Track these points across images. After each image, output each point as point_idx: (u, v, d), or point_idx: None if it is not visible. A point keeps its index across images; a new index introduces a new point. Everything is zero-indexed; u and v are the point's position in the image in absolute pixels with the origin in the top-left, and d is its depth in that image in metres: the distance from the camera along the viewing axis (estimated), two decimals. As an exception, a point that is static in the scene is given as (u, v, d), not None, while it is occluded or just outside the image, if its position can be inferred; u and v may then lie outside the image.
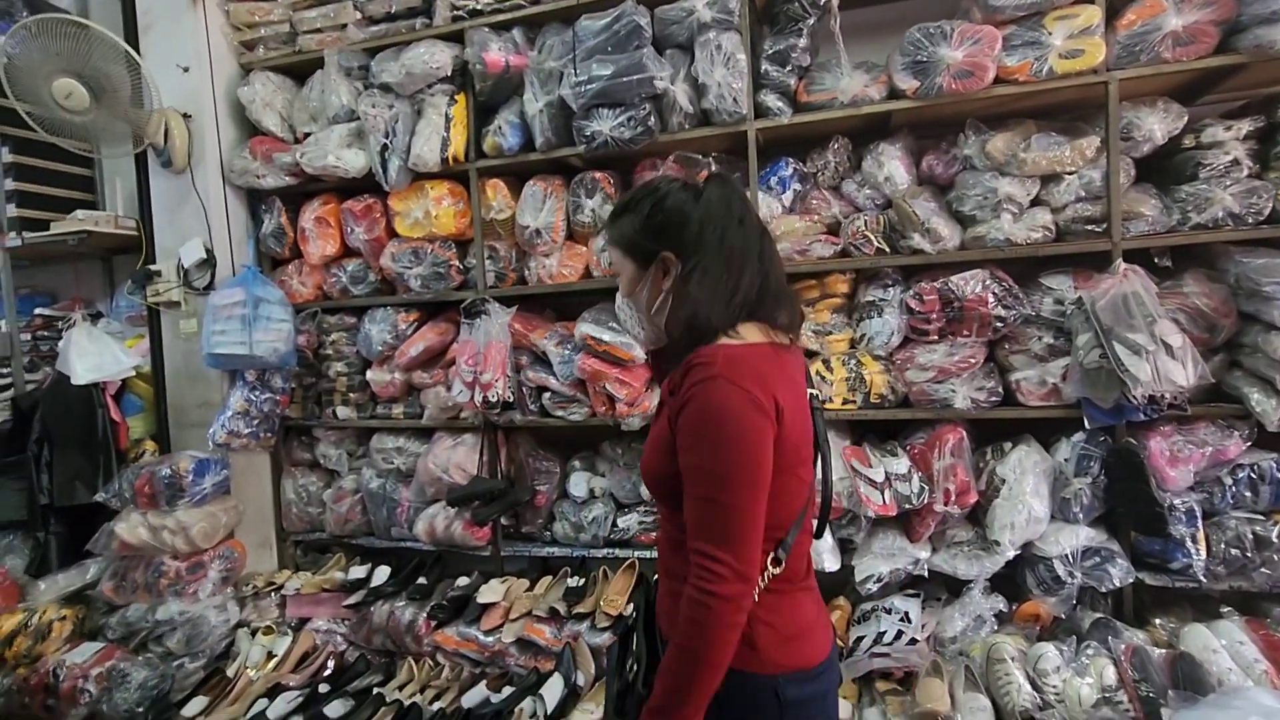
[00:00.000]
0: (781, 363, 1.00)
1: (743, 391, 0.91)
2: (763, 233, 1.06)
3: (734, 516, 0.91)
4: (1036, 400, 1.91)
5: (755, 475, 0.91)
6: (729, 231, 1.01)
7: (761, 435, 0.91)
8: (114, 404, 2.59)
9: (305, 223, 2.52)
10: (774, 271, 1.05)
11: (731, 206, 1.04)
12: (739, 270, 1.00)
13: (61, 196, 2.72)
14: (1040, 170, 1.89)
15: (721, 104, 2.06)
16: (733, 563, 0.90)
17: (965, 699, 1.60)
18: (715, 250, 1.01)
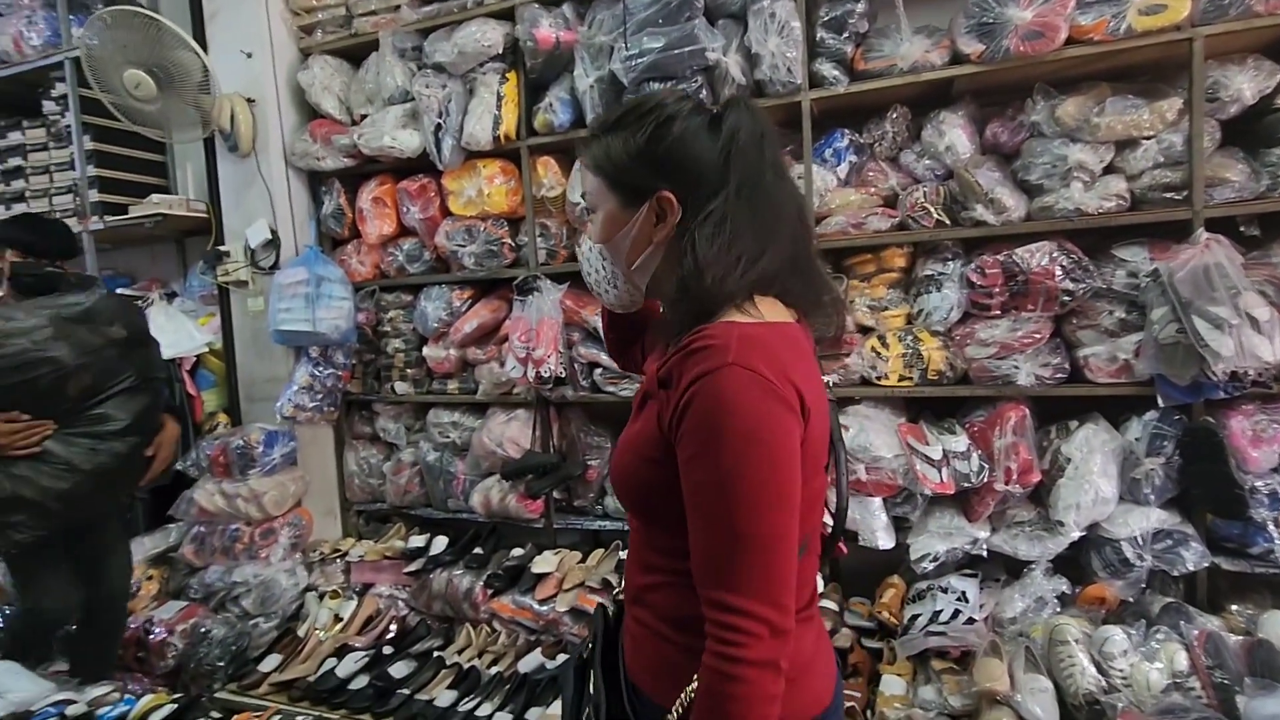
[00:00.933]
0: (800, 345, 0.79)
1: (763, 381, 0.69)
2: (796, 188, 0.86)
3: (763, 550, 0.67)
4: (1106, 377, 1.84)
5: (786, 492, 0.69)
6: (760, 176, 0.78)
7: (790, 438, 0.70)
8: (189, 379, 2.74)
9: (363, 203, 2.59)
10: (809, 239, 0.85)
11: (764, 144, 0.79)
12: (768, 228, 0.78)
13: (137, 182, 2.85)
14: (1115, 135, 1.80)
15: (775, 74, 2.02)
16: (768, 614, 0.67)
17: (1025, 679, 1.57)
18: (738, 198, 0.77)
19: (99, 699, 1.66)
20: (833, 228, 2.04)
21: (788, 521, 0.69)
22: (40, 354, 1.77)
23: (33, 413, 1.79)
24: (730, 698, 0.67)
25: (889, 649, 1.87)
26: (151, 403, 2.04)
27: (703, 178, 0.78)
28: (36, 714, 1.58)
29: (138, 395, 1.98)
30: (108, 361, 1.90)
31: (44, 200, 2.87)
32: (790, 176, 0.85)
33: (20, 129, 2.88)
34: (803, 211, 0.85)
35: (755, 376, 0.69)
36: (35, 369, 1.76)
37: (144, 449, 2.05)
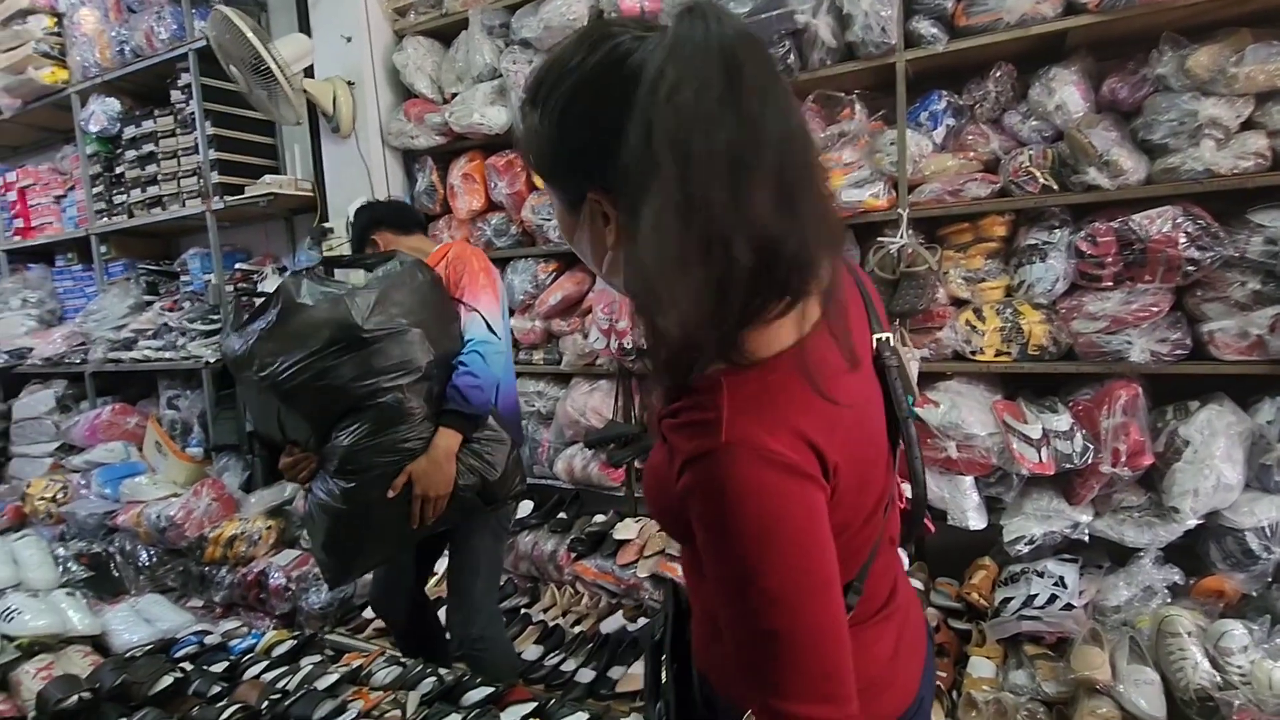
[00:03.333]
0: (815, 362, 0.60)
1: (768, 456, 0.56)
2: (785, 109, 0.55)
3: (805, 645, 0.57)
4: (1234, 354, 1.69)
5: (822, 575, 0.58)
6: (698, 146, 0.52)
7: (813, 515, 0.58)
8: (299, 347, 2.95)
9: (454, 179, 2.68)
10: (809, 198, 0.57)
11: (709, 87, 0.52)
12: (742, 216, 0.53)
13: (251, 164, 3.07)
14: (1255, 87, 1.62)
15: (868, 35, 1.94)
16: (826, 713, 0.58)
17: (1129, 670, 1.50)
18: (680, 186, 0.52)
19: (231, 632, 1.85)
20: (927, 195, 1.95)
21: (827, 605, 0.58)
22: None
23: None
24: None
25: (978, 631, 1.82)
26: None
27: (625, 162, 0.55)
28: (181, 640, 1.78)
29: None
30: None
31: (173, 182, 3.13)
32: (772, 98, 0.54)
33: (153, 117, 3.14)
34: (789, 145, 0.55)
35: (757, 454, 0.56)
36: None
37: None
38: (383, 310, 1.47)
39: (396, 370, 1.46)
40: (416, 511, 1.49)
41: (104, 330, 3.32)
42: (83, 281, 3.74)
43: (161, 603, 2.13)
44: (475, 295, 1.65)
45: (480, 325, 1.60)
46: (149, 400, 3.57)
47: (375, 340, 1.44)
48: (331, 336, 1.42)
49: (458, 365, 1.54)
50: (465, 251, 1.76)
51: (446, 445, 1.50)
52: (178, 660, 1.70)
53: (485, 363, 1.55)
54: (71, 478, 3.20)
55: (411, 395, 1.47)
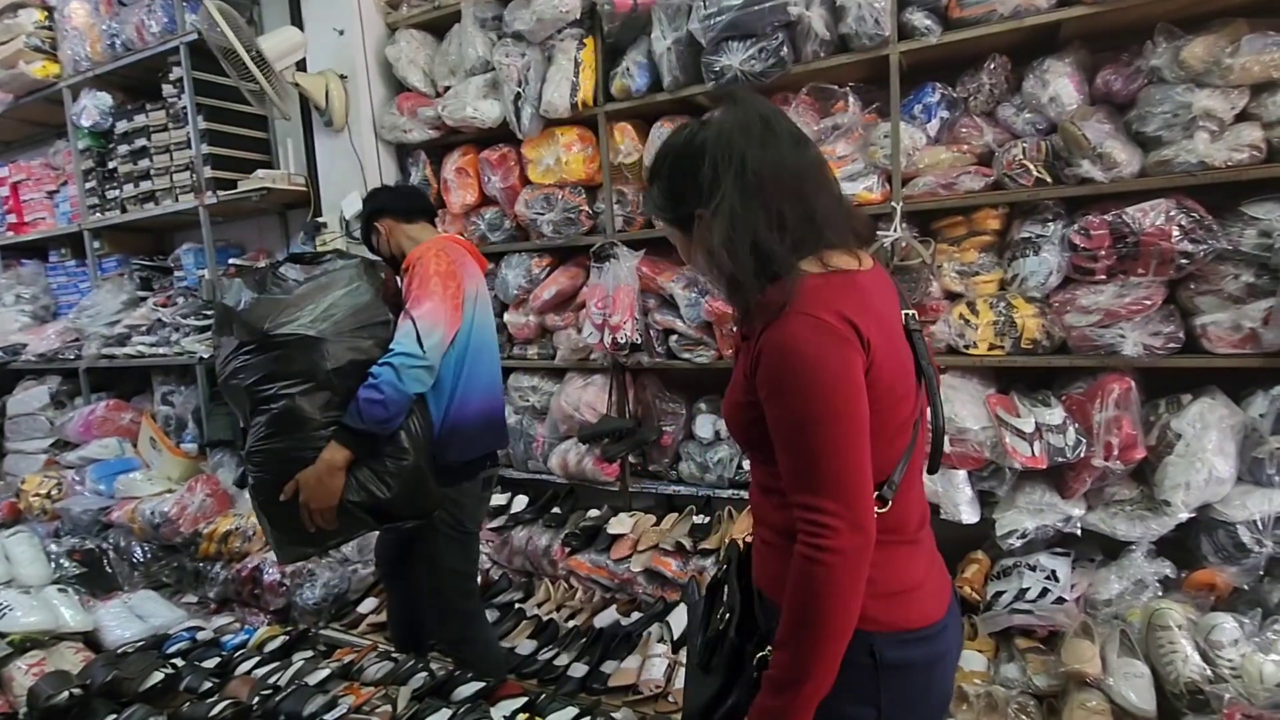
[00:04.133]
0: (860, 288, 0.88)
1: (818, 321, 0.81)
2: (801, 145, 0.90)
3: (836, 459, 0.80)
4: (1227, 347, 1.68)
5: (852, 410, 0.81)
6: (747, 159, 0.87)
7: (849, 366, 0.81)
8: (293, 343, 2.94)
9: (447, 174, 2.67)
10: (824, 193, 0.91)
11: (748, 128, 0.89)
12: (774, 202, 0.87)
13: (244, 158, 3.05)
14: (1251, 78, 1.61)
15: (862, 27, 1.92)
16: (843, 511, 0.79)
17: (1119, 664, 1.50)
18: (735, 188, 0.87)
19: (223, 628, 1.85)
20: (920, 188, 1.94)
21: (858, 435, 0.81)
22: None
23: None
24: (815, 579, 0.79)
25: (969, 624, 1.81)
26: None
27: (705, 183, 0.89)
28: (173, 636, 1.78)
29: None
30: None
31: (165, 177, 3.12)
32: (787, 134, 0.91)
33: (145, 111, 3.13)
34: (805, 157, 0.91)
35: (813, 320, 0.81)
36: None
37: None
38: (292, 316, 1.46)
39: (295, 378, 1.45)
40: (305, 517, 1.48)
41: (98, 326, 3.31)
42: (76, 277, 3.73)
43: (154, 599, 2.13)
44: (416, 302, 1.56)
45: (409, 336, 1.51)
46: (143, 396, 3.56)
47: (279, 346, 1.45)
48: (242, 339, 1.46)
49: (367, 376, 1.48)
50: (430, 251, 1.65)
51: (330, 459, 1.46)
52: (169, 656, 1.70)
53: (398, 378, 1.47)
54: (66, 474, 3.20)
55: (306, 404, 1.45)
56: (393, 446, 1.52)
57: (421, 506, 1.58)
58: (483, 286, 1.81)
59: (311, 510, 1.47)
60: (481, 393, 1.73)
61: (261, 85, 2.39)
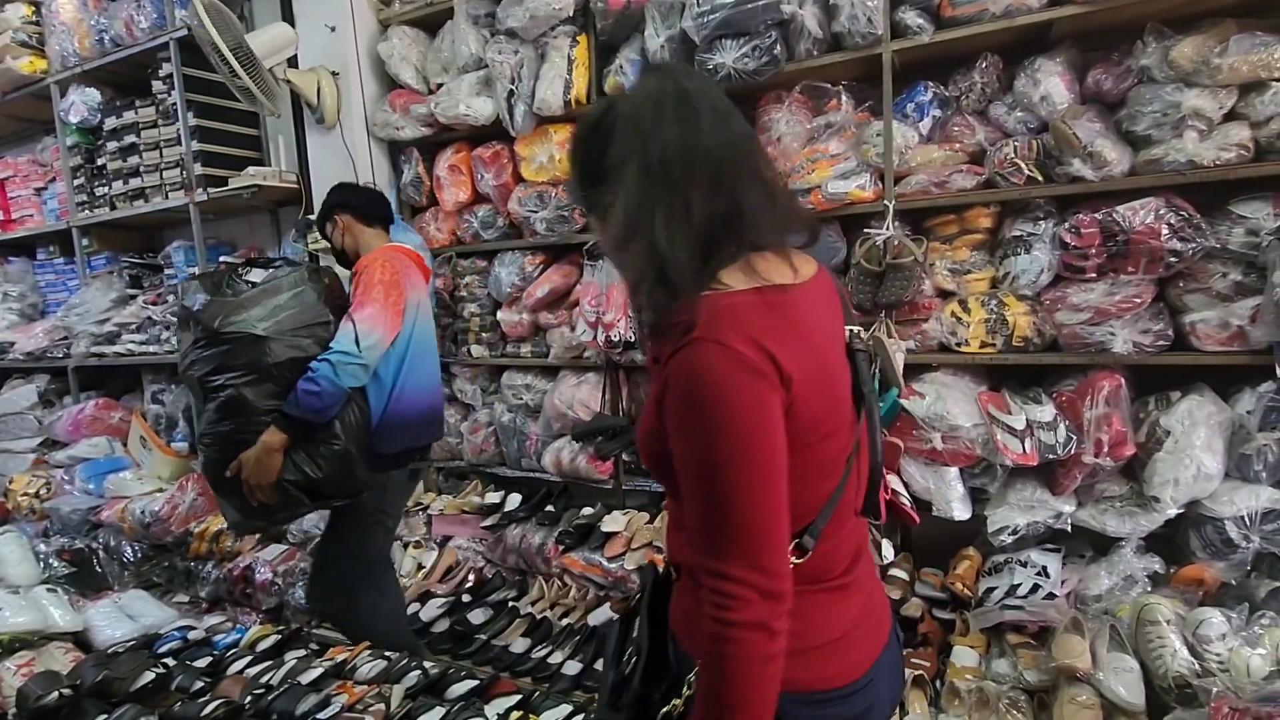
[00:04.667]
0: (787, 308, 0.75)
1: (727, 350, 0.69)
2: (725, 123, 0.76)
3: (745, 513, 0.69)
4: (1215, 345, 1.70)
5: (762, 456, 0.69)
6: (651, 140, 0.73)
7: (762, 405, 0.69)
8: (285, 341, 2.92)
9: (440, 171, 2.66)
10: (750, 184, 0.76)
11: (661, 102, 0.74)
12: (681, 194, 0.73)
13: (235, 155, 3.03)
14: (1239, 78, 1.63)
15: (854, 25, 1.93)
16: (753, 577, 0.68)
17: (1109, 658, 1.51)
18: (636, 174, 0.74)
19: (215, 627, 1.84)
20: (913, 187, 1.95)
21: (770, 484, 0.70)
22: None
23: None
24: (726, 658, 0.69)
25: (961, 620, 1.83)
26: None
27: (612, 169, 0.77)
28: (164, 636, 1.77)
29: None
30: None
31: (155, 174, 3.09)
32: (716, 109, 0.77)
33: (134, 108, 3.10)
34: (749, 154, 0.78)
35: (721, 348, 0.69)
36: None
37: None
38: (241, 315, 1.65)
39: (240, 370, 1.64)
40: (247, 492, 1.66)
41: (87, 324, 3.28)
42: (65, 275, 3.70)
43: (145, 599, 2.11)
44: (359, 306, 1.73)
45: (348, 337, 1.68)
46: (133, 395, 3.54)
47: (228, 342, 1.64)
48: (196, 336, 1.66)
49: (307, 370, 1.66)
50: (376, 260, 1.82)
51: (268, 441, 1.64)
52: (161, 656, 1.69)
53: (334, 373, 1.64)
54: (55, 473, 3.17)
55: (250, 393, 1.65)
56: (327, 433, 1.70)
57: (349, 488, 1.76)
58: (424, 295, 1.99)
59: (252, 486, 1.65)
60: (420, 390, 1.91)
61: (246, 83, 2.38)
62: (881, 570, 2.00)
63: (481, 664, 2.06)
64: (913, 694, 1.63)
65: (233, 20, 2.39)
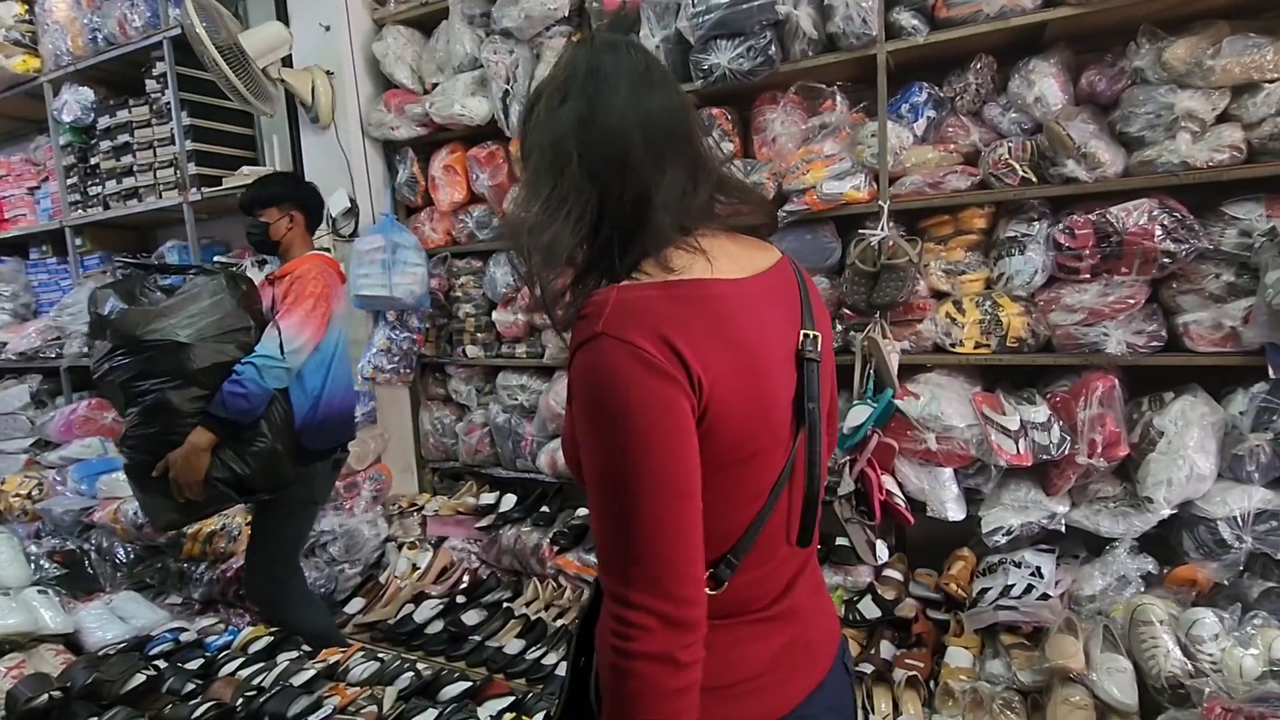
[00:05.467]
0: (711, 302, 0.67)
1: (628, 347, 0.61)
2: (642, 93, 0.68)
3: (647, 535, 0.61)
4: (1208, 346, 1.70)
5: (670, 470, 0.61)
6: (560, 112, 0.68)
7: (670, 415, 0.61)
8: (279, 341, 2.91)
9: (435, 171, 2.65)
10: (673, 163, 0.68)
11: (568, 79, 0.69)
12: (580, 179, 0.67)
13: (229, 155, 3.02)
14: (1232, 80, 1.63)
15: (849, 26, 1.93)
16: (657, 605, 0.60)
17: (1102, 659, 1.51)
18: (539, 150, 0.70)
19: (207, 629, 1.83)
20: (907, 188, 1.95)
21: (677, 505, 0.62)
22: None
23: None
24: (624, 692, 0.62)
25: (956, 621, 1.83)
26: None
27: (527, 158, 0.74)
28: (156, 638, 1.76)
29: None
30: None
31: (149, 173, 3.08)
32: (650, 90, 0.69)
33: (128, 107, 3.09)
34: (674, 129, 0.70)
35: (620, 343, 0.61)
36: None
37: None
38: (162, 324, 1.68)
39: (164, 376, 1.69)
40: (175, 491, 1.72)
41: (80, 324, 3.26)
42: (58, 275, 3.68)
43: (137, 600, 2.10)
44: (286, 314, 1.85)
45: (273, 342, 1.79)
46: (127, 395, 3.51)
47: (150, 349, 1.68)
48: (115, 344, 1.69)
49: (231, 373, 1.73)
50: (310, 273, 1.93)
51: (195, 441, 1.71)
52: (152, 658, 1.68)
53: (259, 376, 1.74)
54: (47, 474, 3.15)
55: (176, 397, 1.69)
56: (252, 432, 1.78)
57: (277, 482, 1.84)
58: (340, 307, 2.08)
59: (180, 484, 1.71)
60: (342, 393, 2.07)
61: (234, 84, 2.37)
62: (876, 571, 2.00)
63: (476, 665, 2.06)
64: (907, 694, 1.63)
65: (226, 19, 2.38)
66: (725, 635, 0.70)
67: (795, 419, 0.71)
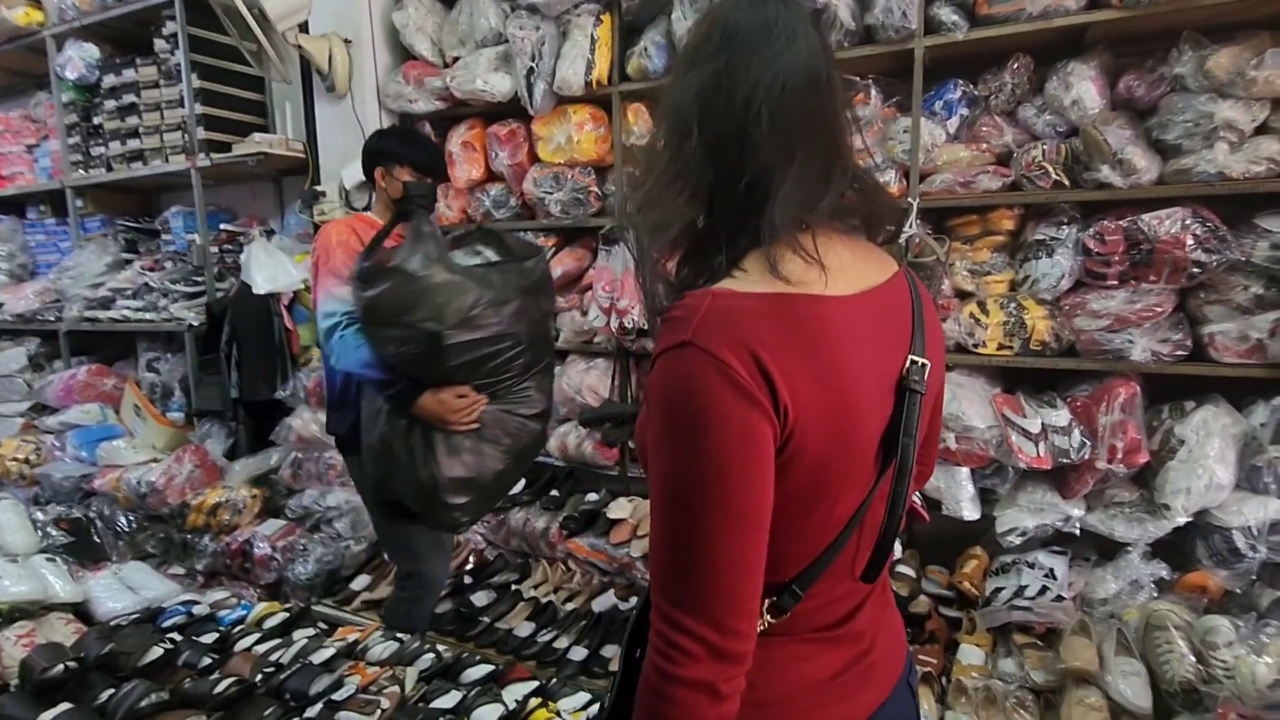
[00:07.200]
0: (812, 327, 0.61)
1: (715, 362, 0.57)
2: (791, 63, 0.61)
3: (707, 562, 0.58)
4: (1233, 357, 1.71)
5: (736, 497, 0.58)
6: (688, 81, 0.64)
7: (747, 439, 0.57)
8: (287, 313, 2.87)
9: (452, 147, 2.60)
10: (807, 148, 0.62)
11: (710, 34, 0.64)
12: (695, 148, 0.62)
13: (239, 120, 2.96)
14: (1273, 92, 1.63)
15: (888, 18, 1.90)
16: (706, 634, 0.58)
17: (1116, 661, 1.54)
18: (666, 121, 0.66)
19: (219, 602, 1.82)
20: (937, 186, 1.94)
21: (742, 536, 0.58)
22: (508, 329, 1.60)
23: (476, 386, 1.62)
24: (660, 713, 0.60)
25: (968, 619, 1.85)
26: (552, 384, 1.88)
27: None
28: (168, 610, 1.75)
29: (549, 376, 1.82)
30: (544, 337, 1.77)
31: (155, 136, 3.01)
32: (802, 62, 0.62)
33: (134, 66, 3.00)
34: (817, 110, 0.63)
35: (712, 360, 0.57)
36: (500, 343, 1.60)
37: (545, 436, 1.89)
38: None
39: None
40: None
41: (80, 288, 3.21)
42: (56, 236, 3.60)
43: (145, 570, 2.08)
44: None
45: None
46: (126, 362, 3.47)
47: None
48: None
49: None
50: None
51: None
52: (165, 631, 1.67)
53: None
54: (45, 439, 3.11)
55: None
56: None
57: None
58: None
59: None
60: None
61: (264, 46, 2.31)
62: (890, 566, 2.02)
63: (485, 647, 2.06)
64: (920, 690, 1.65)
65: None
66: (783, 651, 0.68)
67: (886, 452, 0.66)
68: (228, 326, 2.79)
